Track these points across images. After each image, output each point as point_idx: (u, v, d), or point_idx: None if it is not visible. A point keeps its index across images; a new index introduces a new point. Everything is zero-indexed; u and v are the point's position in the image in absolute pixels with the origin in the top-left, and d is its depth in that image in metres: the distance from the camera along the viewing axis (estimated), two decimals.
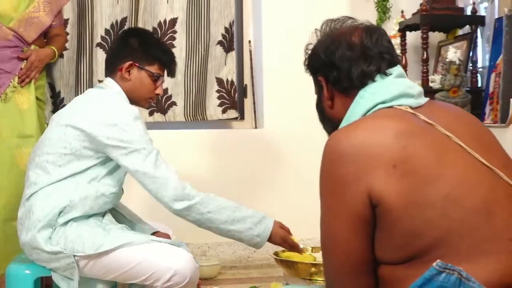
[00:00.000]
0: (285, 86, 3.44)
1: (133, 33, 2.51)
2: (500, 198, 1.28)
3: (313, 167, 3.44)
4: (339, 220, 1.32)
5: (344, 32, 1.50)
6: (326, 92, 1.51)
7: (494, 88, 2.65)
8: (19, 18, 2.72)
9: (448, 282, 1.11)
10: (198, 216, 2.22)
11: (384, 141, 1.29)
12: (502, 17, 2.66)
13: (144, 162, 2.18)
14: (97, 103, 2.30)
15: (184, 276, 2.17)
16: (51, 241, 2.18)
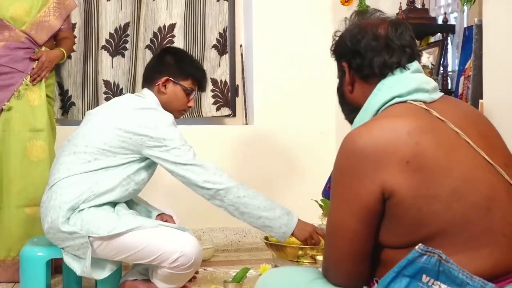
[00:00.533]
0: (274, 86, 3.45)
1: (170, 51, 2.55)
2: (500, 196, 1.28)
3: (297, 161, 3.47)
4: (350, 211, 1.31)
5: (371, 23, 1.46)
6: (348, 77, 1.49)
7: (462, 90, 2.67)
8: (31, 22, 2.70)
9: (429, 263, 1.13)
10: (235, 199, 2.27)
11: (398, 139, 1.28)
12: (471, 26, 2.69)
13: (185, 156, 2.27)
14: (139, 107, 2.33)
15: (189, 257, 2.19)
16: (69, 222, 2.18)
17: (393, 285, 1.14)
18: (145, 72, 2.50)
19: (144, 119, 2.28)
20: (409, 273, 1.14)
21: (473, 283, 1.09)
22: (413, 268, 1.13)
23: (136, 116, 2.29)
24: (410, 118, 1.32)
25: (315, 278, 1.45)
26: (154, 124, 2.26)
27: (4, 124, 2.66)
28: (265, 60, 3.44)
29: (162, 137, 2.25)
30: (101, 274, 2.23)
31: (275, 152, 3.43)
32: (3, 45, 2.67)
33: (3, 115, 2.66)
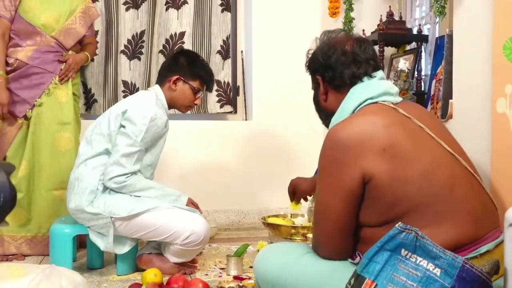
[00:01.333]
0: (270, 87, 3.46)
1: (184, 53, 2.53)
2: (460, 179, 1.32)
3: (292, 152, 3.47)
4: (335, 194, 1.34)
5: (339, 41, 1.52)
6: (322, 88, 1.53)
7: (434, 91, 2.67)
8: (60, 29, 2.70)
9: (407, 239, 1.14)
10: (130, 193, 2.24)
11: (375, 131, 1.32)
12: (441, 36, 2.69)
13: (124, 146, 2.19)
14: (141, 98, 2.33)
15: (199, 235, 2.20)
16: (93, 204, 2.19)
17: (376, 257, 1.16)
18: (160, 70, 2.49)
19: (133, 106, 2.25)
20: (390, 247, 1.15)
21: (445, 257, 1.10)
22: (394, 243, 1.15)
23: (131, 103, 2.28)
24: (383, 115, 1.36)
25: (306, 252, 1.47)
26: (136, 112, 2.23)
27: (36, 118, 2.66)
28: (262, 64, 3.44)
29: (130, 123, 2.21)
30: (122, 249, 2.24)
31: (271, 145, 3.44)
32: (35, 49, 2.66)
33: (35, 110, 2.66)
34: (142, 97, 2.33)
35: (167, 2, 3.37)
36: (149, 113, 2.23)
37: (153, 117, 2.23)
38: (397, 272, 1.13)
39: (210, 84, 2.48)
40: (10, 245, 2.63)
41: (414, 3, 3.26)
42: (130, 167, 2.19)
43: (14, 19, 2.65)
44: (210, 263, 2.52)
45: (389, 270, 1.14)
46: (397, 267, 1.13)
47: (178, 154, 3.30)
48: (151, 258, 2.31)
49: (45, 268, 1.40)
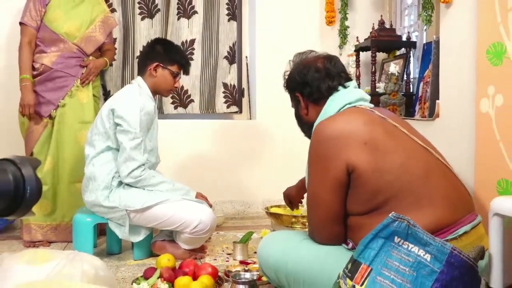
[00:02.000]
0: (272, 89, 3.40)
1: (159, 41, 2.48)
2: (434, 169, 1.33)
3: (291, 148, 3.46)
4: (323, 184, 1.35)
5: (311, 60, 1.56)
6: (303, 103, 1.55)
7: (422, 93, 2.65)
8: (81, 37, 2.69)
9: (400, 227, 1.13)
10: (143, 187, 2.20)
11: (357, 127, 1.35)
12: (429, 42, 2.67)
13: (129, 141, 2.15)
14: (124, 93, 2.29)
15: (206, 224, 2.18)
16: (109, 199, 2.17)
17: (371, 244, 1.15)
18: (139, 61, 2.43)
19: (120, 101, 2.22)
20: (384, 235, 1.14)
21: (435, 243, 1.09)
22: (387, 231, 1.14)
23: (118, 98, 2.24)
24: (362, 114, 1.39)
25: (304, 239, 1.48)
26: (124, 105, 2.19)
27: (60, 117, 2.65)
28: (265, 69, 3.42)
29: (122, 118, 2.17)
30: (137, 238, 2.24)
31: (273, 142, 3.42)
32: (59, 55, 2.65)
33: (59, 110, 2.65)
34: (126, 93, 2.29)
35: (179, 12, 3.35)
36: (137, 105, 2.20)
37: (141, 108, 2.20)
38: (391, 257, 1.11)
39: (187, 67, 2.42)
40: (37, 233, 2.63)
41: (404, 12, 3.23)
42: (140, 158, 2.17)
43: (40, 28, 2.64)
44: (218, 249, 2.51)
45: (383, 255, 1.12)
46: (390, 253, 1.12)
47: (188, 150, 3.29)
48: (164, 244, 2.30)
49: (69, 254, 1.39)
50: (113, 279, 1.61)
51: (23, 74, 2.59)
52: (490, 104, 1.66)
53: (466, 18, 1.91)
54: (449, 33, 2.05)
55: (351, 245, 1.37)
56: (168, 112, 3.40)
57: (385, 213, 1.25)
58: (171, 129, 3.26)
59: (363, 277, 1.11)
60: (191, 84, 3.38)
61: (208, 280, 1.79)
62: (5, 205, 0.74)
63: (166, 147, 3.20)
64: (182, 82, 3.35)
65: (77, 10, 2.70)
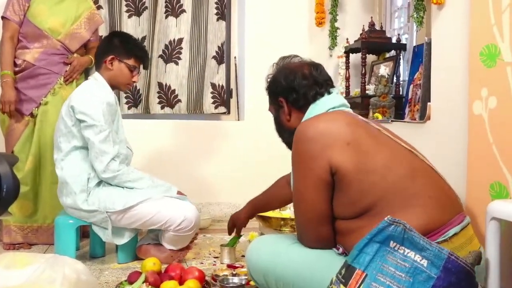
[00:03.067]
0: (260, 90, 3.32)
1: (116, 34, 2.40)
2: (419, 169, 1.31)
3: (279, 150, 3.42)
4: (308, 184, 1.33)
5: (297, 65, 1.53)
6: (286, 109, 1.52)
7: (411, 95, 2.64)
8: (65, 33, 2.61)
9: (395, 231, 1.10)
10: (121, 183, 2.15)
11: (340, 127, 1.33)
12: (418, 45, 2.66)
13: (96, 136, 2.09)
14: (81, 88, 2.22)
15: (190, 221, 2.13)
16: (88, 202, 2.11)
17: (366, 249, 1.11)
18: (96, 54, 2.35)
19: (80, 97, 2.15)
20: (379, 239, 1.11)
21: (432, 248, 1.06)
22: (382, 236, 1.10)
23: (78, 95, 2.17)
24: (345, 116, 1.39)
25: (293, 243, 1.45)
26: (85, 101, 2.12)
27: (42, 116, 2.57)
28: (254, 69, 3.37)
29: (85, 113, 2.10)
30: (121, 240, 2.17)
31: (261, 143, 3.37)
32: (42, 51, 2.57)
33: (41, 108, 2.57)
34: (83, 89, 2.23)
35: (167, 10, 3.29)
36: (96, 98, 2.14)
37: (101, 100, 2.14)
38: (386, 263, 1.08)
39: (145, 61, 2.34)
40: (17, 235, 2.54)
41: (393, 15, 3.22)
42: (111, 150, 2.10)
43: (22, 22, 2.56)
44: (204, 252, 2.46)
45: (378, 261, 1.09)
46: (386, 258, 1.08)
47: (175, 151, 3.23)
48: (148, 248, 2.24)
49: (49, 258, 1.33)
50: (96, 283, 1.55)
51: (4, 70, 2.51)
52: (483, 106, 1.64)
53: (459, 20, 1.89)
54: (441, 35, 2.03)
55: (341, 250, 1.34)
56: (155, 112, 3.33)
57: (373, 216, 1.23)
58: (157, 129, 3.20)
59: (357, 283, 1.07)
60: (178, 83, 3.32)
61: (195, 285, 1.74)
62: None
63: (152, 147, 3.14)
64: (169, 81, 3.31)
65: (62, 6, 2.63)
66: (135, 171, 2.20)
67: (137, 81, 2.35)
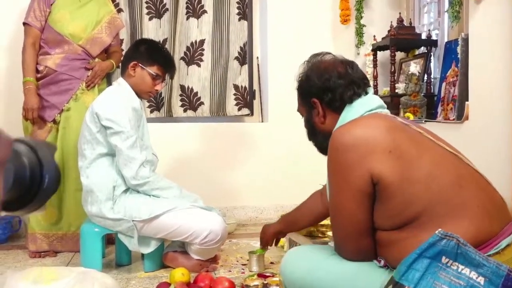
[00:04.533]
0: (284, 91, 3.29)
1: (143, 41, 2.35)
2: (465, 176, 1.21)
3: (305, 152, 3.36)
4: (346, 195, 1.24)
5: (331, 63, 1.42)
6: (321, 110, 1.41)
7: (444, 94, 2.54)
8: (87, 38, 2.58)
9: (448, 246, 1.01)
10: (149, 191, 2.10)
11: (380, 133, 1.23)
12: (450, 40, 2.56)
13: (123, 142, 2.04)
14: (105, 94, 2.18)
15: (216, 234, 2.07)
16: (114, 211, 2.07)
17: (415, 265, 1.03)
18: (122, 60, 2.32)
19: (106, 103, 2.10)
20: (430, 254, 1.02)
21: (489, 265, 0.98)
22: (434, 250, 1.02)
23: (103, 101, 2.12)
24: (384, 120, 1.28)
25: (331, 254, 1.37)
26: (111, 107, 2.07)
27: (64, 122, 2.55)
28: (277, 69, 3.31)
29: (111, 119, 2.05)
30: (147, 249, 2.13)
31: (286, 145, 3.32)
32: (63, 57, 2.55)
33: (64, 115, 2.55)
34: (107, 94, 2.18)
35: (188, 11, 3.24)
36: (121, 104, 2.09)
37: (126, 105, 2.09)
38: (439, 280, 1.00)
39: (170, 70, 2.28)
40: (43, 242, 2.53)
41: (423, 10, 3.11)
42: (139, 156, 2.06)
43: (44, 28, 2.54)
44: (232, 259, 2.40)
45: (429, 278, 1.01)
46: (438, 275, 1.00)
47: (198, 154, 3.19)
48: (176, 256, 2.19)
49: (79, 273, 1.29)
50: None
51: (26, 77, 2.49)
52: None
53: (499, 14, 1.79)
54: (480, 31, 1.93)
55: (383, 263, 1.26)
56: (178, 115, 3.29)
57: (418, 227, 1.15)
58: (180, 132, 3.16)
59: None
60: (201, 86, 3.28)
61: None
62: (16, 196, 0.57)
63: (175, 151, 3.11)
64: (191, 84, 3.26)
65: (83, 11, 2.60)
66: (164, 179, 2.15)
67: (160, 90, 2.29)
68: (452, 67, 2.48)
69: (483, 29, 1.91)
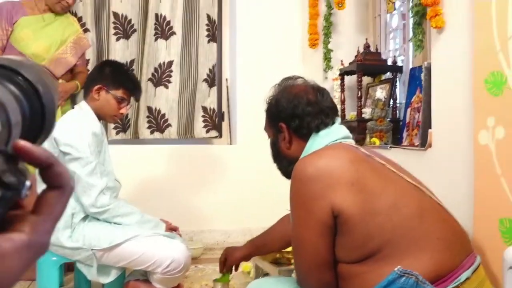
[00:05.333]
0: (253, 113, 3.28)
1: (108, 63, 2.27)
2: (427, 208, 1.21)
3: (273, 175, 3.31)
4: (308, 227, 1.21)
5: (301, 89, 1.40)
6: (287, 136, 1.38)
7: (409, 119, 2.56)
8: (50, 58, 2.52)
9: (407, 284, 0.99)
10: (110, 218, 2.02)
11: (343, 165, 1.20)
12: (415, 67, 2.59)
13: (82, 168, 1.96)
14: (65, 119, 2.10)
15: (179, 263, 2.00)
16: (72, 239, 1.97)
17: None
18: (85, 82, 2.23)
19: (64, 127, 2.00)
20: None
21: None
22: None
23: (62, 125, 2.03)
24: (347, 151, 1.26)
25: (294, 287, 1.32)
26: (69, 133, 1.98)
27: None
28: (246, 92, 3.29)
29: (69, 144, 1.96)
30: (106, 279, 2.03)
31: (254, 168, 3.27)
32: None
33: None
34: (67, 119, 2.10)
35: (156, 32, 3.21)
36: (81, 129, 2.01)
37: (86, 130, 2.01)
38: None
39: (136, 93, 2.21)
40: None
41: (388, 36, 3.16)
42: (99, 182, 1.97)
43: (5, 48, 2.46)
44: (196, 286, 2.33)
45: None
46: None
47: (165, 177, 3.12)
48: (138, 285, 2.10)
49: None
50: None
51: None
52: (490, 137, 1.55)
53: (460, 45, 1.82)
54: (441, 59, 1.95)
55: None
56: (144, 137, 3.22)
57: (379, 260, 1.13)
58: (147, 155, 3.09)
59: None
60: (168, 107, 3.23)
61: None
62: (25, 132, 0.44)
63: (141, 174, 3.03)
64: (159, 105, 3.21)
65: (47, 30, 2.54)
66: (125, 205, 2.07)
67: (125, 113, 2.23)
68: (417, 93, 2.50)
69: (444, 58, 1.94)
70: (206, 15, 3.30)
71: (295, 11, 3.34)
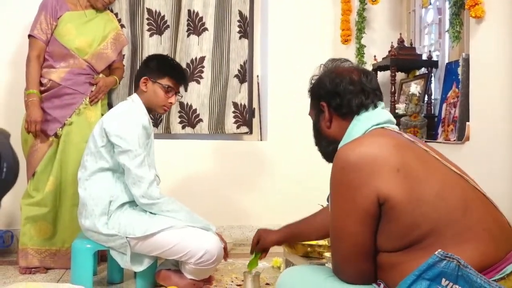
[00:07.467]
0: (284, 109, 3.31)
1: (153, 56, 2.33)
2: (471, 197, 1.17)
3: (304, 171, 3.29)
4: (350, 217, 1.17)
5: (346, 69, 1.38)
6: (327, 115, 1.37)
7: (445, 115, 2.51)
8: (92, 53, 2.58)
9: (448, 268, 0.96)
10: (159, 212, 2.05)
11: (387, 151, 1.17)
12: (451, 61, 2.54)
13: (131, 161, 2.00)
14: (117, 110, 2.16)
15: (212, 254, 2.02)
16: (108, 226, 2.02)
17: (414, 286, 0.98)
18: (135, 77, 2.31)
19: (115, 119, 2.07)
20: (429, 276, 0.98)
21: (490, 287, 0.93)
22: (433, 272, 0.97)
23: (112, 117, 2.10)
24: (391, 137, 1.24)
25: (329, 276, 1.30)
26: (120, 124, 2.04)
27: (66, 136, 2.52)
28: (277, 88, 3.30)
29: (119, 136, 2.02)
30: (139, 267, 2.07)
31: (284, 164, 3.28)
32: (68, 71, 2.54)
33: (65, 129, 2.52)
34: (118, 109, 2.16)
35: (189, 28, 3.25)
36: (131, 121, 2.06)
37: (136, 123, 2.06)
38: None
39: (182, 81, 2.25)
40: (34, 258, 2.46)
41: (423, 31, 3.11)
42: (148, 175, 2.02)
43: (49, 41, 2.53)
44: (227, 279, 2.34)
45: None
46: None
47: (196, 172, 3.14)
48: (169, 274, 2.13)
49: None
50: None
51: (30, 89, 2.47)
52: None
53: (500, 34, 1.77)
54: (481, 51, 1.91)
55: (382, 286, 1.20)
56: (176, 132, 3.26)
57: (422, 250, 1.09)
58: (178, 150, 3.12)
59: None
60: (200, 103, 3.26)
61: None
62: None
63: (173, 168, 3.06)
64: (190, 101, 3.24)
65: (89, 26, 2.61)
66: (175, 202, 2.10)
67: (174, 103, 2.26)
68: (453, 88, 2.45)
69: (484, 49, 1.89)
70: (238, 11, 3.33)
71: (327, 7, 3.32)
